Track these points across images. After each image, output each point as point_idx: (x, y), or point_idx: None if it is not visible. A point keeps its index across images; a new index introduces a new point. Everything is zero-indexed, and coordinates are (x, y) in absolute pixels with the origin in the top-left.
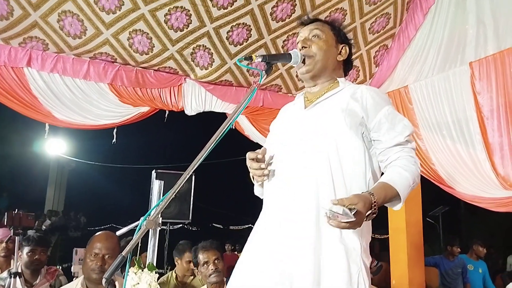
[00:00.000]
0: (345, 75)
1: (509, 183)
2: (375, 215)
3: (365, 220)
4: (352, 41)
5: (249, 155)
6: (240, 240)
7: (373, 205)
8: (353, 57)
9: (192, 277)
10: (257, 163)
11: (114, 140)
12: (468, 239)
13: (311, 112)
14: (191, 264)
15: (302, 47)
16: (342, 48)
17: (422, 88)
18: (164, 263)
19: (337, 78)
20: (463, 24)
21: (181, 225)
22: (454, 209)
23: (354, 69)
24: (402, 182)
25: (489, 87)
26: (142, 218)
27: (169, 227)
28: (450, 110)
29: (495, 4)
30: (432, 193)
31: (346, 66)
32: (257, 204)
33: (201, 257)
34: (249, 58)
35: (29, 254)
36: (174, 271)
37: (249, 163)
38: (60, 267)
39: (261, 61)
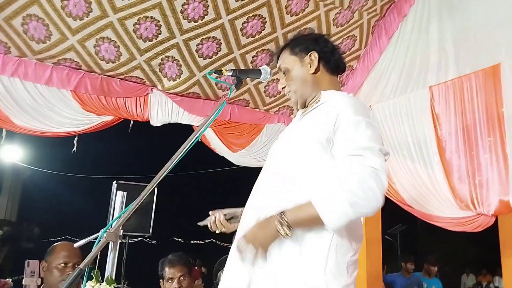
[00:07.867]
0: (337, 72)
1: (465, 203)
2: (286, 233)
3: (280, 237)
4: (322, 38)
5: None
6: (200, 254)
7: (277, 223)
8: None
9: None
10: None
11: (75, 148)
12: (424, 257)
13: (297, 126)
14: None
15: (282, 89)
16: (310, 57)
17: (384, 108)
18: (121, 277)
19: (321, 92)
20: (425, 50)
21: (140, 238)
22: (411, 228)
23: None
24: (326, 201)
25: (447, 110)
26: (102, 230)
27: (128, 240)
28: (410, 131)
29: (457, 32)
30: (391, 211)
31: (328, 66)
32: None
33: (167, 272)
34: (219, 71)
35: None
36: None
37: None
38: (11, 280)
39: (231, 75)
